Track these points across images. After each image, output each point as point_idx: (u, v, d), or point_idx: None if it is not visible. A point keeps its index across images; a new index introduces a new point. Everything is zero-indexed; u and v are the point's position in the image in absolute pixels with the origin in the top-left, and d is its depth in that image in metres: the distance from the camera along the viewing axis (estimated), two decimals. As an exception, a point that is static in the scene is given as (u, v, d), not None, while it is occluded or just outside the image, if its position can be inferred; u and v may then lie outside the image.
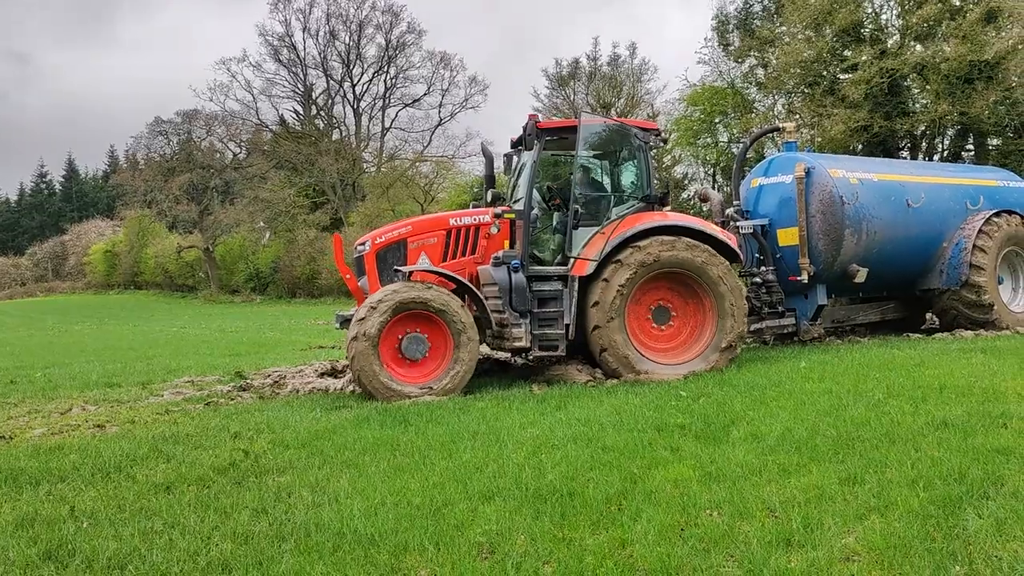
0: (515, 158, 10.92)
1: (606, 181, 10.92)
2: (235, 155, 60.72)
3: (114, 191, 71.99)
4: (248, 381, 11.40)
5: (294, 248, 51.60)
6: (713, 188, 33.46)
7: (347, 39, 57.41)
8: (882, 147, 28.95)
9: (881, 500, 4.53)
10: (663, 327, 10.08)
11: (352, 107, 59.28)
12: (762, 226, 12.25)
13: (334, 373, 11.64)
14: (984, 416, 6.27)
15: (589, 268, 9.60)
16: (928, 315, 14.40)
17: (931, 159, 29.86)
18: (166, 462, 6.39)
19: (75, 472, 6.12)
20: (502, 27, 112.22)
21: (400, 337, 9.21)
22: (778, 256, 12.15)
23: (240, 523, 4.73)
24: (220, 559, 4.18)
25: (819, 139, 29.87)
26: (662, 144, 11.28)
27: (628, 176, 10.70)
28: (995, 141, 29.61)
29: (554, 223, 10.39)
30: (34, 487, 5.76)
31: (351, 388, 9.98)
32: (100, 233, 77.96)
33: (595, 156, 10.86)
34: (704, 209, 13.67)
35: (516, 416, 7.57)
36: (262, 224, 56.73)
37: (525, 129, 9.94)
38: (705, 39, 51.39)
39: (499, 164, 11.34)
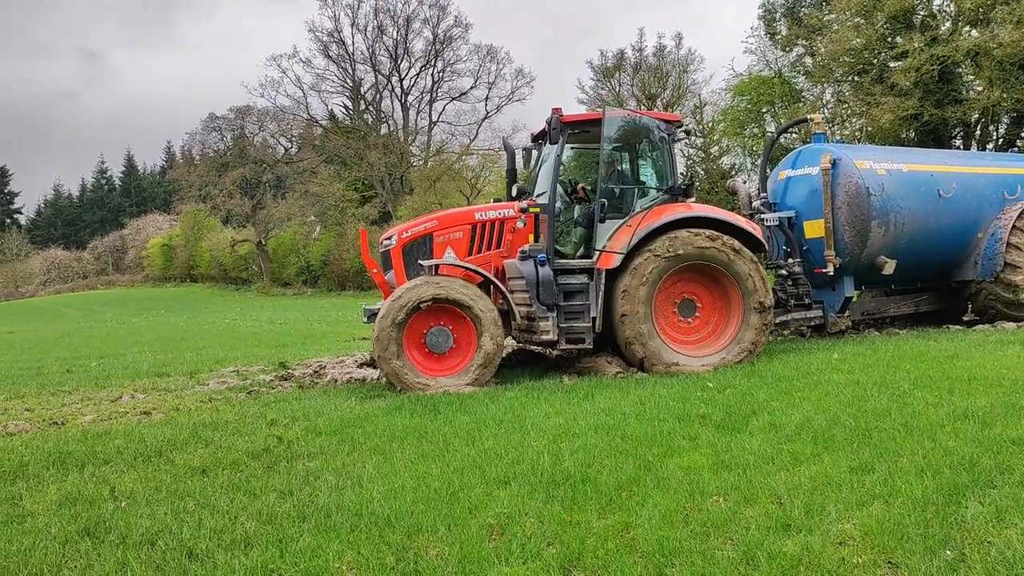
0: (535, 152, 11.02)
1: (630, 174, 10.99)
2: (286, 150, 61.84)
3: (170, 186, 73.81)
4: (290, 371, 11.76)
5: (344, 241, 52.34)
6: (740, 181, 33.09)
7: (395, 34, 57.94)
8: (933, 136, 28.35)
9: (887, 488, 4.60)
10: (689, 319, 10.14)
11: (400, 101, 59.90)
12: (788, 218, 12.18)
13: (373, 364, 11.88)
14: (1008, 407, 6.25)
15: (615, 261, 9.69)
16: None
17: (984, 147, 29.17)
18: (204, 447, 6.69)
19: (119, 456, 6.45)
20: (554, 19, 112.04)
21: (425, 331, 9.42)
22: (805, 248, 12.08)
23: (266, 504, 4.98)
24: (244, 537, 4.43)
25: (869, 128, 29.38)
26: (685, 136, 11.29)
27: (652, 168, 10.76)
28: (1053, 129, 28.78)
29: (576, 216, 10.48)
30: (79, 469, 6.10)
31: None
32: (157, 227, 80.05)
33: (619, 149, 10.93)
34: (735, 201, 13.66)
35: (543, 406, 7.73)
36: (313, 218, 57.70)
37: (549, 123, 10.02)
38: (752, 28, 50.84)
39: (520, 159, 11.43)
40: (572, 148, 11.12)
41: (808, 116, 13.31)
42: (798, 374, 8.47)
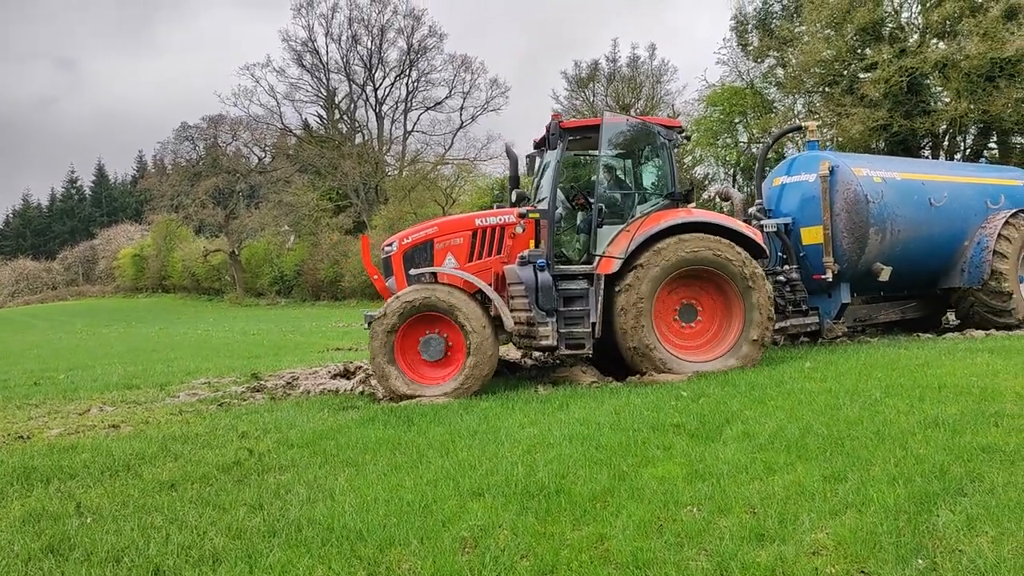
0: (538, 159, 11.00)
1: (630, 179, 10.98)
2: (260, 159, 61.51)
3: (142, 196, 73.01)
4: (262, 382, 11.63)
5: (318, 251, 52.15)
6: (733, 188, 33.35)
7: (369, 43, 57.99)
8: (903, 146, 28.76)
9: (859, 497, 4.60)
10: (690, 324, 10.13)
11: (374, 111, 59.87)
12: (785, 225, 12.26)
13: (346, 374, 11.84)
14: (978, 415, 6.30)
15: (615, 266, 9.66)
16: (945, 317, 14.41)
17: (952, 158, 29.62)
18: (173, 461, 6.58)
19: (85, 470, 6.32)
20: (535, 29, 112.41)
21: (420, 338, 9.42)
22: (802, 255, 12.16)
23: (236, 519, 4.89)
24: (212, 552, 4.35)
25: (839, 139, 29.74)
26: (686, 141, 11.31)
27: (652, 174, 10.75)
28: (1020, 139, 29.29)
29: (578, 222, 10.46)
30: (45, 484, 5.97)
31: (360, 389, 10.18)
32: (129, 237, 79.23)
33: (619, 155, 10.93)
34: (725, 208, 13.74)
35: (518, 416, 7.69)
36: (286, 228, 57.42)
37: (548, 129, 10.02)
38: (724, 39, 51.39)
39: (523, 165, 11.42)
40: (575, 155, 11.11)
41: (803, 123, 13.45)
42: (771, 383, 8.50)
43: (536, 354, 12.82)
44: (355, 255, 48.03)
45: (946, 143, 30.70)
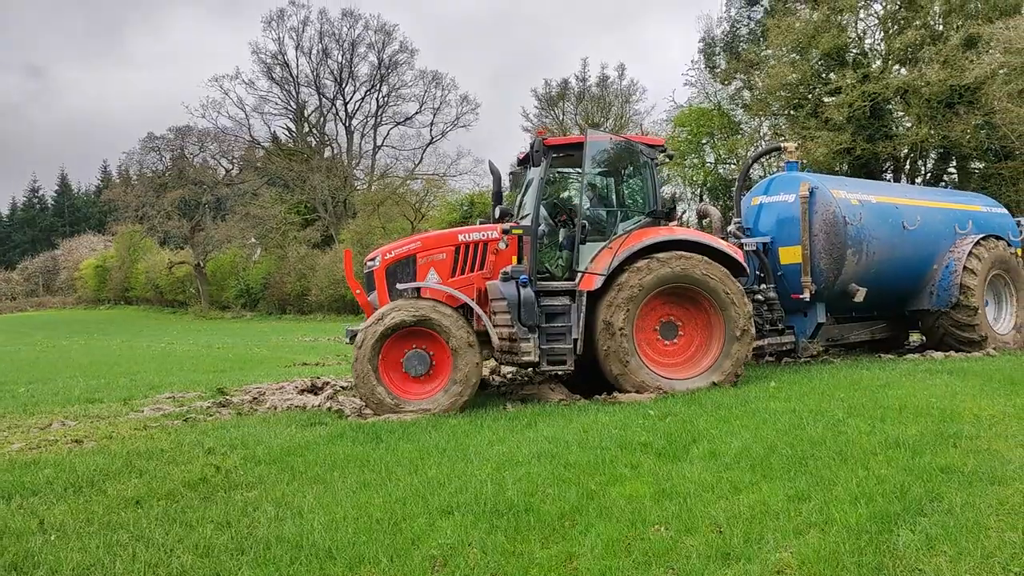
0: (525, 175, 11.04)
1: (612, 197, 11.08)
2: (227, 171, 61.01)
3: (106, 206, 71.97)
4: (228, 397, 11.52)
5: (285, 264, 51.80)
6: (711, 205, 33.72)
7: (340, 57, 58.05)
8: (865, 169, 29.32)
9: (823, 516, 4.70)
10: (670, 342, 10.20)
11: (344, 125, 59.83)
12: (763, 244, 12.43)
13: (313, 390, 11.78)
14: (937, 436, 6.45)
15: (597, 283, 9.71)
16: (911, 340, 14.67)
17: (913, 182, 30.26)
18: (138, 477, 6.51)
19: (48, 486, 6.23)
20: (505, 47, 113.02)
21: (404, 354, 9.42)
22: (779, 274, 12.32)
23: (203, 536, 4.86)
24: (179, 570, 4.32)
25: (804, 161, 30.25)
26: (668, 160, 11.41)
27: (634, 191, 10.86)
28: (978, 165, 30.01)
29: (561, 239, 10.54)
30: (6, 501, 5.87)
31: (328, 405, 10.14)
32: (91, 248, 78.05)
33: (601, 172, 11.03)
34: (703, 224, 13.89)
35: (486, 433, 7.71)
36: (253, 240, 56.97)
37: (532, 146, 10.09)
38: (692, 61, 52.12)
39: (506, 181, 11.44)
40: (559, 172, 11.21)
41: (782, 144, 13.64)
42: (737, 402, 8.61)
43: (504, 371, 12.87)
44: (322, 269, 47.80)
45: (907, 167, 31.35)
